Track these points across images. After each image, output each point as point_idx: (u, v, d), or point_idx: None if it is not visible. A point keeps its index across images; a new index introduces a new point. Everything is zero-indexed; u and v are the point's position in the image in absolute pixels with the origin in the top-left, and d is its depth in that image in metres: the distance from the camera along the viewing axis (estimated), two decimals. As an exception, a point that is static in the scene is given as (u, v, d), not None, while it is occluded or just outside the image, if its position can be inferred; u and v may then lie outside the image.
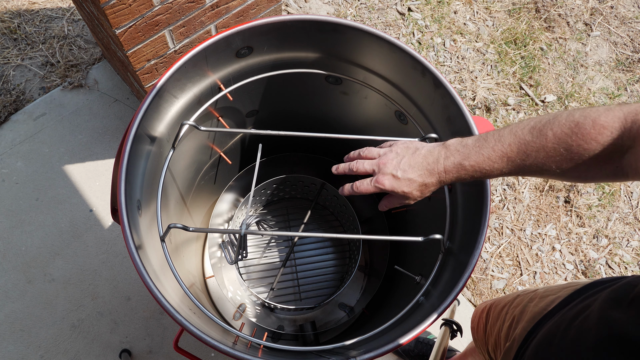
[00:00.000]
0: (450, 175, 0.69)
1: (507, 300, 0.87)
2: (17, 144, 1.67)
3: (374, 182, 0.74)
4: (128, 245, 0.74)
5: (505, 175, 0.66)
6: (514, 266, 1.70)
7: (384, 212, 1.40)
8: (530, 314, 0.73)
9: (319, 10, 2.05)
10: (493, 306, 0.92)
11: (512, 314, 0.80)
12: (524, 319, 0.74)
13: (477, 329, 0.98)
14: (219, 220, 1.42)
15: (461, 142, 0.68)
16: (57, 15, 1.93)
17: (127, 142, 0.80)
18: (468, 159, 0.66)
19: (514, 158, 0.62)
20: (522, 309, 0.78)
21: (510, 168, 0.63)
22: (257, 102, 1.17)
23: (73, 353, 1.43)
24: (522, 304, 0.79)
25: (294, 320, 1.36)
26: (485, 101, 1.93)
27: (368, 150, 0.79)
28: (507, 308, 0.84)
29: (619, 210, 1.80)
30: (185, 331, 0.73)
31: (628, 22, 2.17)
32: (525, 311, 0.76)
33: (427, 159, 0.71)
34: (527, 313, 0.75)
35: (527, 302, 0.78)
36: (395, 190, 0.73)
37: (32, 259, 1.53)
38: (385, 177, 0.73)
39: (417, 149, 0.73)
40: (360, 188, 0.77)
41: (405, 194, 0.73)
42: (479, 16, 2.11)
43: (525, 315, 0.74)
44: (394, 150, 0.75)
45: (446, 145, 0.70)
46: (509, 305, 0.84)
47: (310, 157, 1.43)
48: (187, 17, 1.26)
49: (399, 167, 0.72)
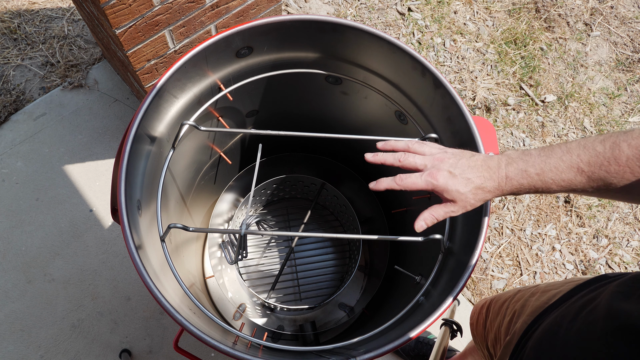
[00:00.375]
0: (512, 183, 0.64)
1: (508, 295, 0.87)
2: (17, 144, 1.67)
3: (426, 176, 0.67)
4: (128, 245, 0.74)
5: (567, 191, 0.62)
6: (514, 266, 1.70)
7: (383, 212, 1.40)
8: (531, 307, 0.73)
9: (319, 10, 2.05)
10: (493, 302, 0.92)
11: (513, 309, 0.80)
12: (525, 312, 0.74)
13: (476, 325, 0.98)
14: (219, 220, 1.42)
15: (523, 152, 0.65)
16: (57, 15, 1.93)
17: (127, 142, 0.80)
18: (534, 166, 0.62)
19: (583, 169, 0.59)
20: (523, 304, 0.77)
21: (578, 181, 0.60)
22: (257, 102, 1.17)
23: (73, 353, 1.43)
24: (524, 298, 0.79)
25: (294, 320, 1.36)
26: (485, 101, 1.93)
27: (419, 145, 0.72)
28: (507, 303, 0.84)
29: (619, 210, 1.80)
30: (185, 331, 0.73)
31: (628, 22, 2.17)
32: (526, 305, 0.76)
33: (487, 162, 0.66)
34: (528, 307, 0.75)
35: (529, 297, 0.78)
36: (448, 188, 0.66)
37: (32, 259, 1.53)
38: (441, 172, 0.66)
39: (474, 154, 0.68)
40: (406, 181, 0.69)
41: (460, 194, 0.66)
42: (479, 16, 2.11)
43: (526, 309, 0.74)
44: (449, 151, 0.70)
45: (506, 154, 0.66)
46: (510, 300, 0.84)
47: (310, 157, 1.43)
48: (187, 17, 1.26)
49: (457, 165, 0.66)
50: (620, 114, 1.98)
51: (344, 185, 1.42)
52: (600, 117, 1.96)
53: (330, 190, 1.38)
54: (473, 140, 0.87)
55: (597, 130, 1.93)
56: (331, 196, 1.41)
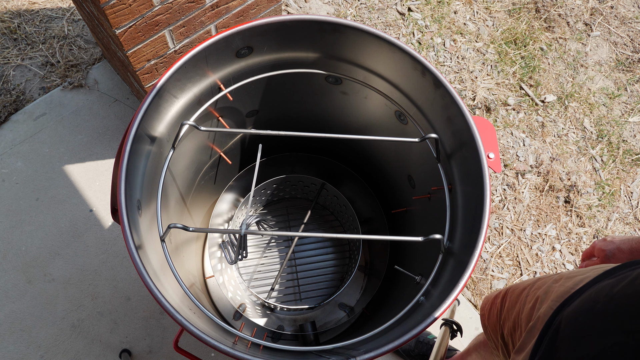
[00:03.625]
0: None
1: (526, 284, 0.86)
2: (17, 144, 1.67)
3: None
4: (128, 245, 0.74)
5: None
6: (514, 266, 1.70)
7: (383, 212, 1.41)
8: (556, 293, 0.72)
9: (319, 10, 2.05)
10: (510, 291, 0.91)
11: (535, 295, 0.78)
12: (549, 298, 0.72)
13: (488, 315, 0.97)
14: (219, 220, 1.42)
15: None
16: (57, 15, 1.93)
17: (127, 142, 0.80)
18: None
19: None
20: (546, 290, 0.76)
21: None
22: (257, 102, 1.17)
23: (73, 353, 1.43)
24: (546, 285, 0.78)
25: (294, 320, 1.36)
26: (485, 101, 1.93)
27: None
28: (527, 290, 0.83)
29: (619, 210, 1.80)
30: (185, 331, 0.73)
31: (628, 22, 2.17)
32: (550, 291, 0.74)
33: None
34: (552, 293, 0.73)
35: (552, 283, 0.76)
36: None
37: (32, 259, 1.53)
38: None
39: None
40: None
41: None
42: (479, 16, 2.11)
43: (550, 295, 0.73)
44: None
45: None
46: (530, 288, 0.83)
47: (310, 157, 1.43)
48: (187, 17, 1.26)
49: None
50: (620, 114, 1.98)
51: (344, 185, 1.42)
52: (600, 117, 1.96)
53: (330, 190, 1.38)
54: (473, 140, 0.87)
55: (597, 130, 1.93)
56: (331, 196, 1.41)
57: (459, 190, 0.94)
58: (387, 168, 1.31)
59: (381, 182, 1.39)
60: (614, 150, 1.90)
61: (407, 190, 1.23)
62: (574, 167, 1.85)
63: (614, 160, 1.88)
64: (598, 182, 1.84)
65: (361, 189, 1.43)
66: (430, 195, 1.07)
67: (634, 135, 1.94)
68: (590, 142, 1.91)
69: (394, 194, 1.34)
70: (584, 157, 1.88)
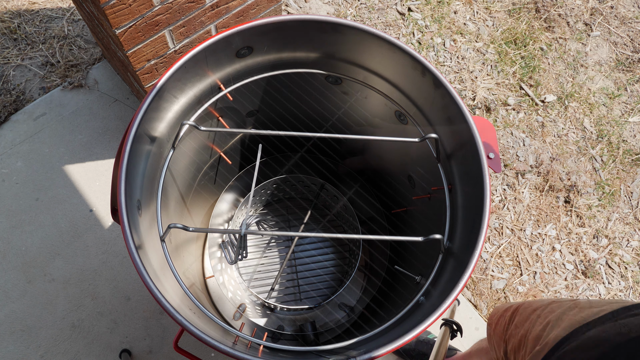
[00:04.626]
0: None
1: (539, 304, 0.85)
2: (17, 144, 1.67)
3: None
4: (128, 245, 0.74)
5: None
6: (514, 266, 1.70)
7: (384, 212, 1.41)
8: (569, 322, 0.71)
9: (319, 10, 2.05)
10: (521, 307, 0.90)
11: (546, 319, 0.78)
12: (561, 325, 0.72)
13: (495, 326, 0.96)
14: (219, 220, 1.42)
15: None
16: (57, 15, 1.93)
17: (127, 142, 0.80)
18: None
19: None
20: (559, 316, 0.75)
21: None
22: (257, 102, 1.17)
23: (73, 353, 1.43)
24: (560, 310, 0.77)
25: (294, 321, 1.36)
26: (485, 101, 1.94)
27: None
28: (539, 311, 0.82)
29: (619, 210, 1.80)
30: (185, 331, 0.73)
31: (628, 22, 2.17)
32: (562, 318, 0.74)
33: None
34: (564, 320, 0.73)
35: (566, 310, 0.76)
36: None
37: (32, 259, 1.53)
38: None
39: None
40: None
41: None
42: (479, 16, 2.11)
43: (562, 323, 0.72)
44: None
45: None
46: (542, 309, 0.82)
47: (310, 157, 1.43)
48: (187, 17, 1.26)
49: None
50: (620, 114, 1.98)
51: (344, 185, 1.42)
52: (600, 117, 1.96)
53: (330, 190, 1.38)
54: (473, 140, 0.87)
55: (597, 130, 1.93)
56: (331, 196, 1.41)
57: (459, 190, 0.94)
58: (387, 168, 1.31)
59: (381, 182, 1.39)
60: (614, 150, 1.90)
61: (407, 190, 1.23)
62: (574, 167, 1.85)
63: (614, 160, 1.88)
64: (598, 182, 1.84)
65: (361, 189, 1.43)
66: (430, 195, 1.07)
67: (634, 135, 1.94)
68: (590, 142, 1.91)
69: (394, 194, 1.35)
70: (584, 157, 1.88)
